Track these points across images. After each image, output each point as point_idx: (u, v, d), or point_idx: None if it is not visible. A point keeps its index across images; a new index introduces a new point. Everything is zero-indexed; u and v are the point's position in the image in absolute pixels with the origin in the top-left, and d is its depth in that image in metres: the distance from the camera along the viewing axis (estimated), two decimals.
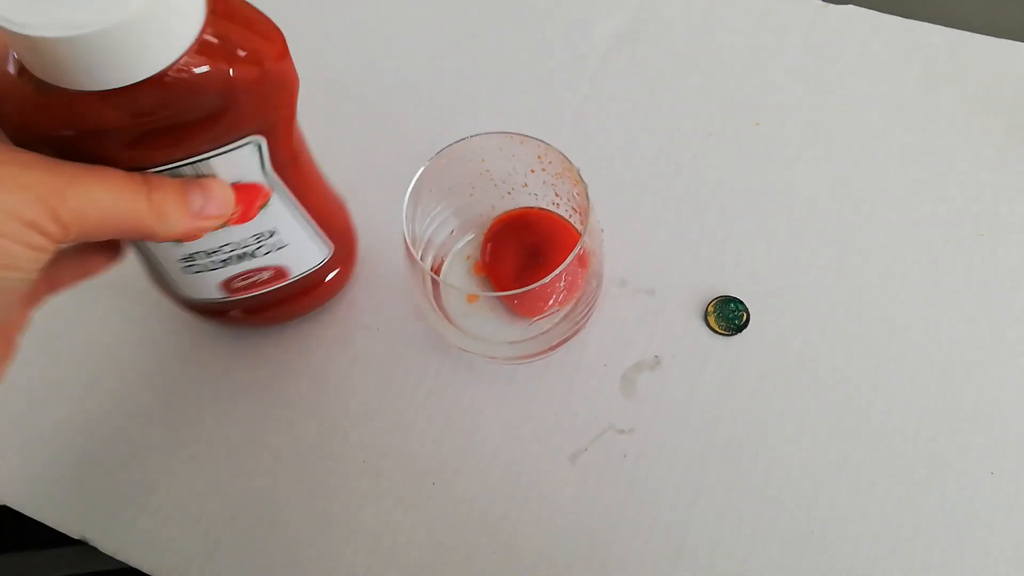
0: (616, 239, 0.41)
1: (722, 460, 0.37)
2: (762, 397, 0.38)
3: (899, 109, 0.44)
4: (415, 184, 0.35)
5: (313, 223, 0.36)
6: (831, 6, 0.47)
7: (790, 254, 0.41)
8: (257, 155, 0.31)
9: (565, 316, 0.38)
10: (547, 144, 0.35)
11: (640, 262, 0.41)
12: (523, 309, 0.38)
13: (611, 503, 0.37)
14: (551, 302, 0.37)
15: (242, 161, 0.30)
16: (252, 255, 0.35)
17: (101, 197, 0.25)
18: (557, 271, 0.33)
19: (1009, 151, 0.43)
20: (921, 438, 0.37)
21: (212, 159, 0.29)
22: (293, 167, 0.33)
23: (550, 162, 0.36)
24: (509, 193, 0.40)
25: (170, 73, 0.25)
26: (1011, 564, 0.34)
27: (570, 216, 0.40)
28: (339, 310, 0.42)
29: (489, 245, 0.40)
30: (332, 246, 0.39)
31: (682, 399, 0.38)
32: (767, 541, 0.35)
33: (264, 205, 0.33)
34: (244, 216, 0.33)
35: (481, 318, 0.40)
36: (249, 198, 0.32)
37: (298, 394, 0.40)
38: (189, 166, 0.29)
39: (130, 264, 0.36)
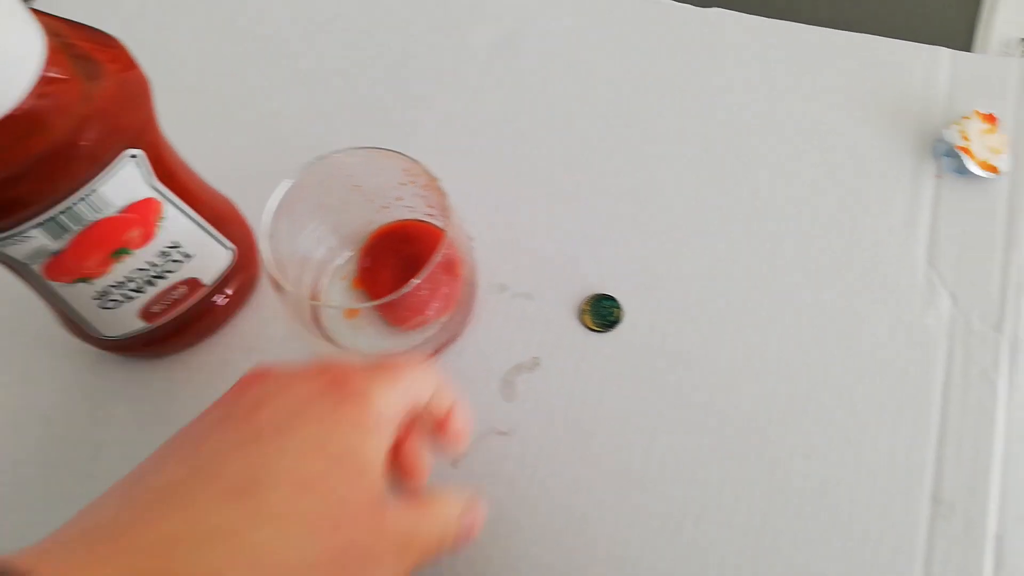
0: (494, 247, 0.42)
1: (601, 454, 0.37)
2: (637, 390, 0.39)
3: (765, 107, 0.46)
4: (278, 204, 0.36)
5: (210, 226, 0.37)
6: (698, 9, 0.49)
7: (658, 250, 0.42)
8: (138, 169, 0.32)
9: (443, 325, 0.38)
10: (410, 157, 0.36)
11: (517, 267, 0.42)
12: (398, 320, 0.39)
13: (493, 504, 0.37)
14: (428, 312, 0.38)
15: (127, 179, 0.31)
16: (162, 275, 0.36)
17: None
18: (416, 280, 0.33)
19: (871, 145, 0.44)
20: (789, 423, 0.38)
21: (100, 188, 0.30)
22: (175, 175, 0.34)
23: (416, 174, 0.37)
24: (384, 207, 0.41)
25: (15, 114, 0.26)
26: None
27: (446, 227, 0.41)
28: (231, 334, 0.43)
29: (366, 259, 0.41)
30: (234, 247, 0.39)
31: (560, 397, 0.39)
32: (648, 532, 0.36)
33: (160, 219, 0.34)
34: (146, 236, 0.33)
35: (362, 333, 0.40)
36: (145, 216, 0.33)
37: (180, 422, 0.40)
38: (82, 202, 0.30)
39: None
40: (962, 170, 0.42)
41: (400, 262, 0.40)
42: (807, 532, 0.35)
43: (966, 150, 0.42)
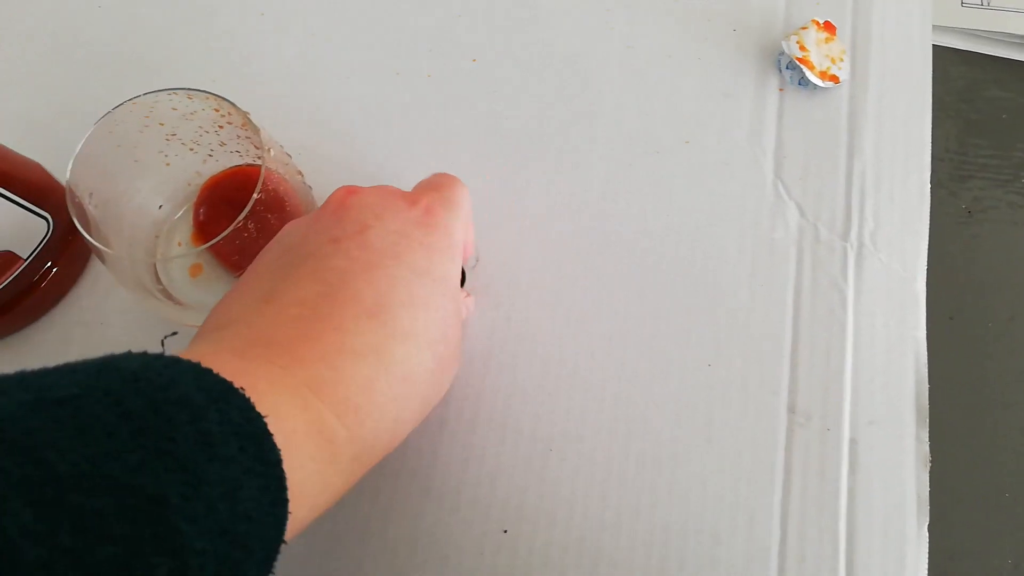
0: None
1: (463, 395, 0.36)
2: (495, 327, 0.37)
3: (603, 31, 0.44)
4: (76, 158, 0.32)
5: (14, 195, 0.34)
6: None
7: (510, 181, 0.41)
8: None
9: None
10: (217, 95, 0.33)
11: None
12: (241, 267, 0.36)
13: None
14: None
15: None
16: None
17: None
18: (240, 219, 0.31)
19: (714, 61, 0.43)
20: (644, 345, 0.37)
21: None
22: None
23: (229, 113, 0.34)
24: (210, 155, 0.38)
25: None
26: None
27: (279, 169, 0.38)
28: (69, 310, 0.39)
29: (200, 213, 0.38)
30: (48, 215, 0.36)
31: None
32: (511, 465, 0.35)
33: None
34: None
35: (209, 289, 0.37)
36: None
37: None
38: None
39: None
40: (804, 82, 0.42)
41: (238, 211, 0.38)
42: (669, 451, 0.35)
43: (805, 61, 0.41)
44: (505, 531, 0.34)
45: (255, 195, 0.31)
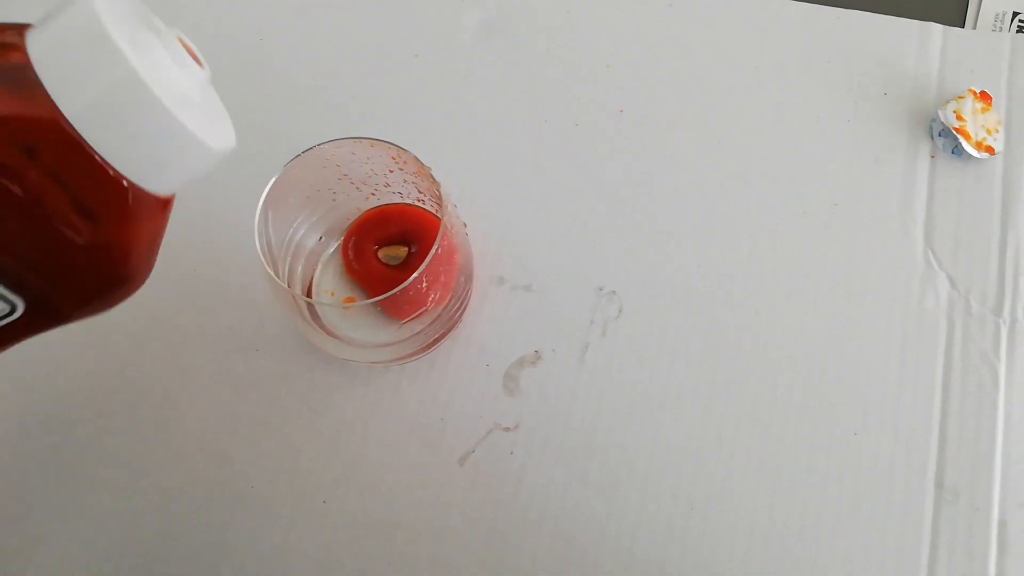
0: (491, 237, 0.41)
1: (605, 448, 0.37)
2: (638, 383, 0.38)
3: (756, 90, 0.45)
4: (265, 198, 0.34)
5: None
6: None
7: (656, 240, 0.41)
8: None
9: (438, 316, 0.37)
10: (398, 147, 0.35)
11: (516, 259, 0.41)
12: (399, 313, 0.38)
13: (501, 501, 0.36)
14: (428, 303, 0.37)
15: None
16: None
17: None
18: (416, 274, 0.32)
19: (865, 126, 0.44)
20: (792, 415, 0.37)
21: None
22: None
23: (405, 162, 0.36)
24: (373, 194, 0.40)
25: None
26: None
27: (436, 211, 0.40)
28: (217, 334, 0.41)
29: (350, 248, 0.40)
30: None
31: (563, 391, 0.38)
32: (654, 522, 0.35)
33: None
34: None
35: (358, 324, 0.39)
36: None
37: (182, 428, 0.39)
38: None
39: None
40: (958, 151, 0.42)
41: (388, 246, 0.39)
42: (813, 522, 0.35)
43: (961, 131, 0.41)
44: None
45: (434, 250, 0.32)
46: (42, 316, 0.22)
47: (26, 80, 0.19)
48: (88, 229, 0.20)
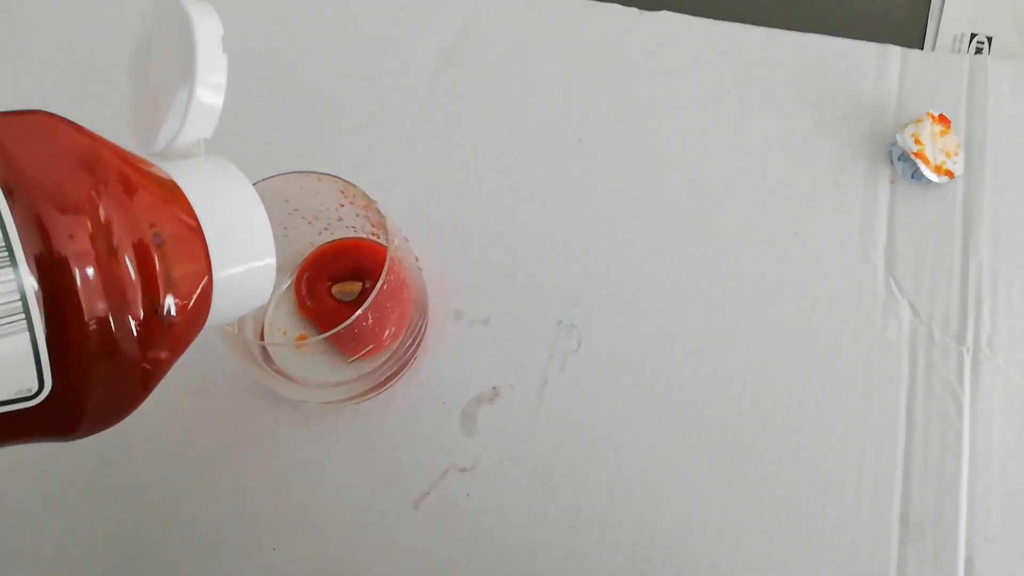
0: (448, 271, 0.40)
1: (562, 488, 0.36)
2: (597, 419, 0.37)
3: (715, 113, 0.44)
4: None
5: None
6: (646, 13, 0.47)
7: (615, 269, 0.40)
8: None
9: (393, 352, 0.36)
10: (345, 180, 0.34)
11: (474, 292, 0.40)
12: (350, 350, 0.36)
13: (457, 545, 0.35)
14: (382, 339, 0.36)
15: None
16: None
17: None
18: (360, 310, 0.31)
19: (824, 150, 0.43)
20: (752, 447, 0.36)
21: None
22: None
23: (353, 196, 0.35)
24: (326, 228, 0.39)
25: None
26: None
27: (389, 248, 0.39)
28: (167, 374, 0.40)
29: (303, 284, 0.39)
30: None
31: (521, 429, 0.37)
32: (612, 563, 0.34)
33: None
34: None
35: (311, 362, 0.38)
36: None
37: (128, 469, 0.38)
38: None
39: None
40: (917, 176, 0.41)
41: (334, 281, 0.38)
42: (779, 560, 0.34)
43: (920, 155, 0.41)
44: None
45: (379, 284, 0.31)
46: (58, 411, 0.20)
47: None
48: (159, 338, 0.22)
